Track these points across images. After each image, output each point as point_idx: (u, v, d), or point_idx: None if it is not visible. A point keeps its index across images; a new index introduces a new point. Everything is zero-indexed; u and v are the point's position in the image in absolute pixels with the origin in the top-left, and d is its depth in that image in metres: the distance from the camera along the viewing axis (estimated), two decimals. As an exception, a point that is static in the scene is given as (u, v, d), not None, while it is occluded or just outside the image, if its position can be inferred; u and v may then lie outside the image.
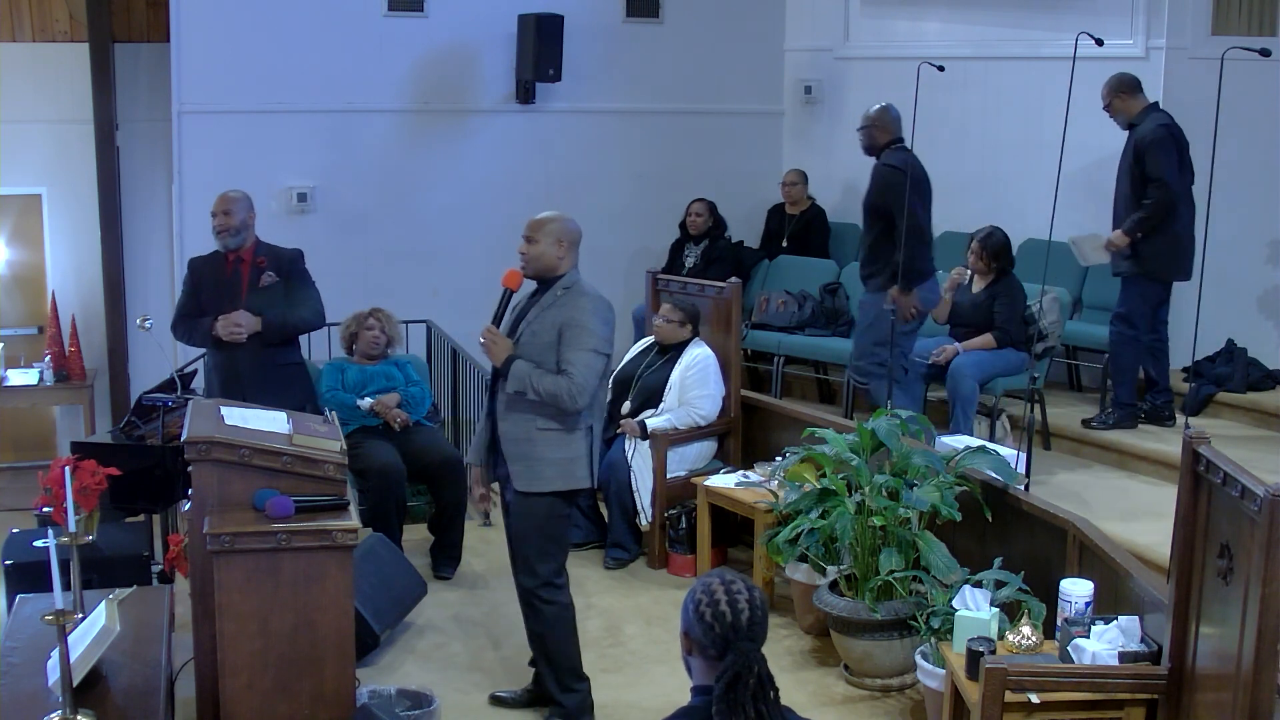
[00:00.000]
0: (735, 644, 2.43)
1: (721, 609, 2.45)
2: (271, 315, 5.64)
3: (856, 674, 5.02)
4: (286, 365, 5.79)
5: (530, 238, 4.50)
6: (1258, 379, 7.02)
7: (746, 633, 2.45)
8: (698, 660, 2.51)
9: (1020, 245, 7.13)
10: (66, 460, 4.19)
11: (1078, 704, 3.86)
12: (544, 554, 4.53)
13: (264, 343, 5.64)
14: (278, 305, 5.67)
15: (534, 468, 4.46)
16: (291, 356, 5.87)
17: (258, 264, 5.71)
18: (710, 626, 2.45)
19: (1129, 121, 6.57)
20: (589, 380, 4.37)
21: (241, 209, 5.68)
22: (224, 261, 5.73)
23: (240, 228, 5.66)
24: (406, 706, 4.51)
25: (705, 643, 2.47)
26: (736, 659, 2.42)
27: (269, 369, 5.64)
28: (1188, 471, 3.55)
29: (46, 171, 8.84)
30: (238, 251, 5.70)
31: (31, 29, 8.79)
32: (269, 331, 5.64)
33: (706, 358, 6.35)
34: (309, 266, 5.86)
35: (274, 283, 5.70)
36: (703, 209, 8.37)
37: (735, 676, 2.41)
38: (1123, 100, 6.58)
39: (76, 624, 3.70)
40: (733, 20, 9.21)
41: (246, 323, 5.58)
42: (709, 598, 2.47)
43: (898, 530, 4.89)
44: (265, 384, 5.53)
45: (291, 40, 8.28)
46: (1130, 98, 6.58)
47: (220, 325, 5.58)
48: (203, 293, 5.73)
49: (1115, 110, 6.62)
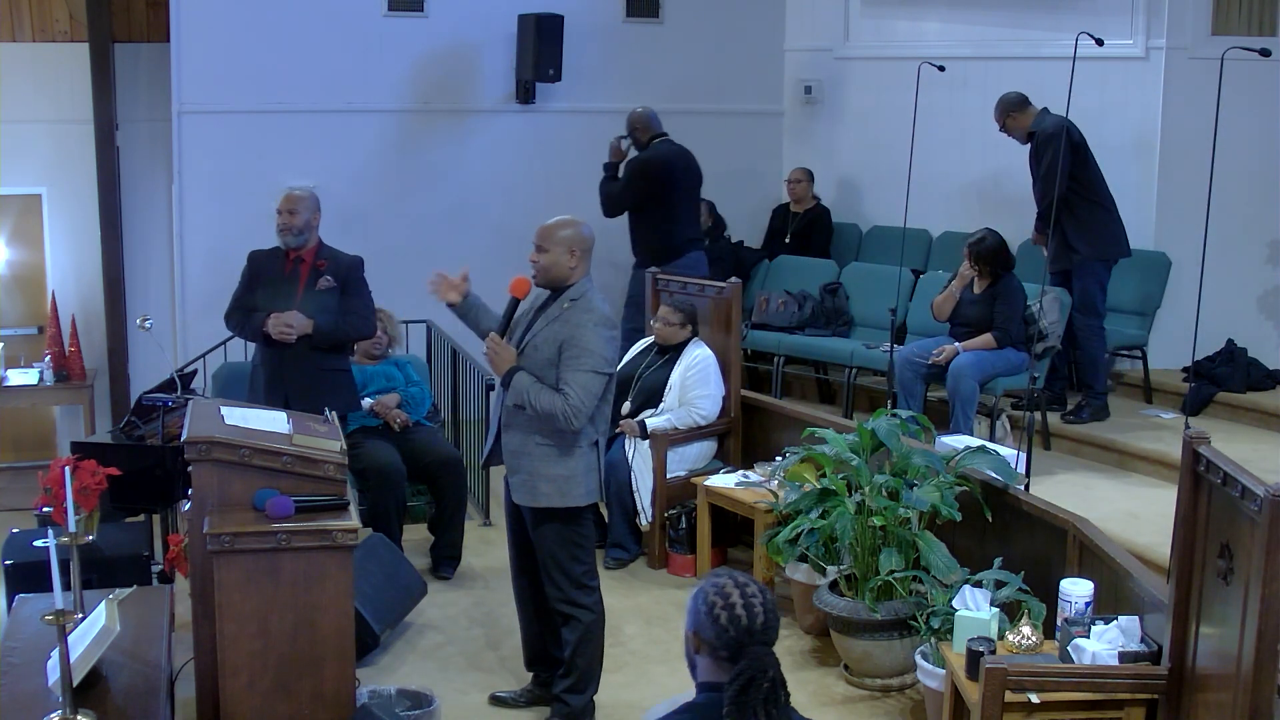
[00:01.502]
0: (749, 647, 2.43)
1: (737, 612, 2.44)
2: (323, 320, 5.59)
3: (856, 674, 5.02)
4: (333, 371, 5.73)
5: (541, 246, 4.44)
6: (1258, 379, 7.03)
7: (761, 636, 2.44)
8: (705, 660, 2.50)
9: (1020, 245, 7.13)
10: (66, 460, 4.19)
11: (1078, 704, 3.86)
12: (571, 559, 4.51)
13: (312, 346, 5.60)
14: (331, 310, 5.62)
15: (530, 482, 4.44)
16: (339, 363, 5.80)
17: (317, 266, 5.66)
18: (724, 630, 2.44)
19: (1026, 134, 6.84)
20: (586, 402, 4.33)
21: (306, 209, 5.63)
22: (284, 259, 5.68)
23: (304, 228, 5.61)
24: (406, 706, 4.51)
25: (717, 644, 2.45)
26: (751, 663, 2.41)
27: (314, 373, 5.61)
28: (1188, 471, 3.55)
29: (46, 171, 8.84)
30: (299, 251, 5.66)
31: (31, 29, 8.79)
32: (319, 336, 5.60)
33: (706, 358, 6.35)
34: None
35: (331, 287, 5.64)
36: (703, 209, 8.37)
37: (749, 680, 2.40)
38: (1014, 119, 6.90)
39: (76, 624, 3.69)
40: (733, 20, 9.21)
41: (298, 324, 5.54)
42: (723, 600, 2.46)
43: (898, 530, 4.89)
44: (309, 387, 5.52)
45: (291, 40, 8.28)
46: (1021, 114, 6.87)
47: (272, 323, 5.54)
48: (259, 287, 5.67)
49: (1010, 129, 6.92)
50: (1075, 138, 6.63)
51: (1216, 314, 6.33)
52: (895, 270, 7.27)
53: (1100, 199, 6.74)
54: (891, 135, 7.83)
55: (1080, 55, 5.84)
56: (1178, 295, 7.17)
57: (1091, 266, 6.76)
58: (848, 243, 8.74)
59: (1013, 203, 7.80)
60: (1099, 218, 6.72)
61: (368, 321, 5.82)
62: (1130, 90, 7.37)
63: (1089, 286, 6.76)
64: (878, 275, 7.80)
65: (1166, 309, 7.33)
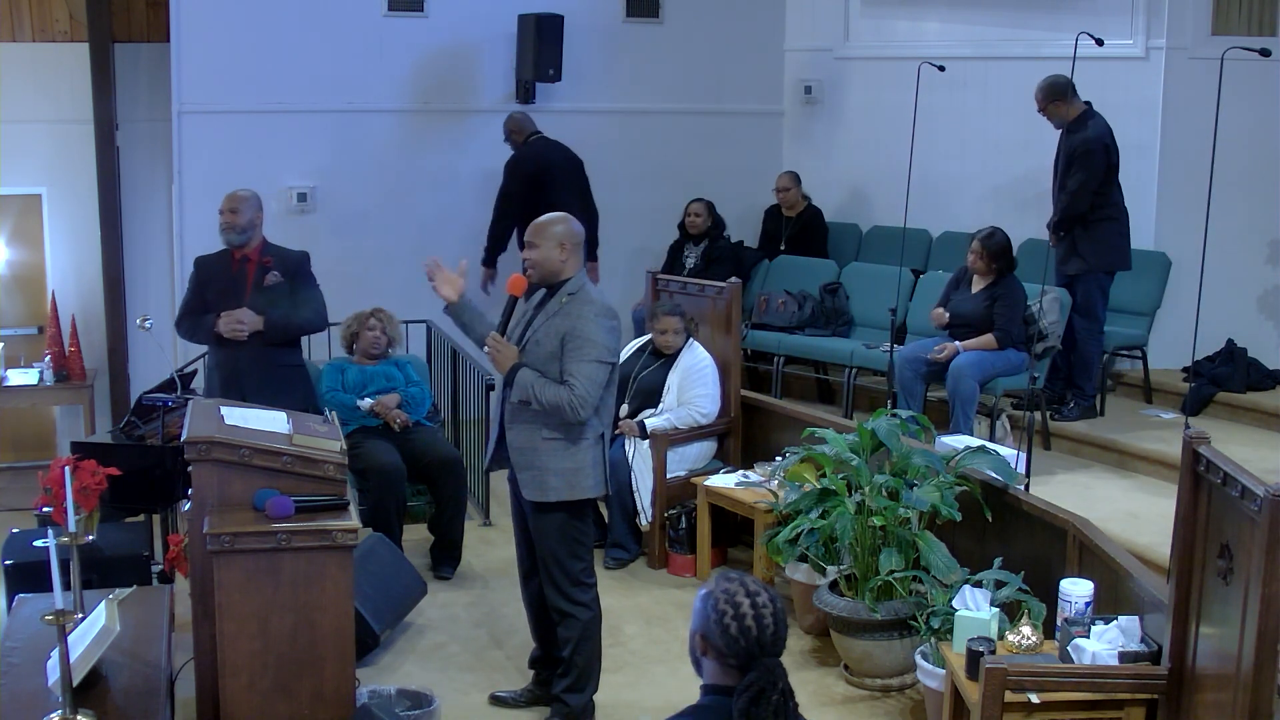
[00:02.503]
0: (759, 659, 2.42)
1: (747, 624, 2.43)
2: (274, 315, 5.64)
3: (856, 674, 5.02)
4: (287, 366, 5.79)
5: (533, 243, 4.47)
6: (1258, 379, 7.02)
7: (771, 648, 2.44)
8: (712, 663, 2.50)
9: (1020, 245, 7.13)
10: (66, 460, 4.19)
11: (1078, 704, 3.86)
12: (571, 555, 4.52)
13: (265, 342, 5.64)
14: (281, 305, 5.67)
15: (539, 477, 4.44)
16: (293, 358, 5.87)
17: (263, 263, 5.71)
18: (735, 640, 2.43)
19: (1064, 124, 6.74)
20: (591, 392, 4.35)
21: (249, 208, 5.70)
22: (230, 260, 5.74)
23: (246, 226, 5.67)
24: (406, 706, 4.51)
25: (726, 653, 2.45)
26: (761, 675, 2.41)
27: (270, 369, 5.65)
28: (1188, 471, 3.55)
29: (46, 171, 8.83)
30: (244, 250, 5.71)
31: (31, 29, 8.78)
32: (271, 331, 5.64)
33: (703, 357, 6.35)
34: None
35: (279, 283, 5.70)
36: (701, 209, 8.36)
37: (760, 693, 2.40)
38: (1056, 107, 6.76)
39: (76, 624, 3.69)
40: (733, 20, 9.20)
41: (249, 320, 5.59)
42: (734, 610, 2.44)
43: (898, 530, 4.89)
44: (265, 384, 5.53)
45: (291, 40, 8.28)
46: (1064, 104, 6.74)
47: (223, 322, 5.59)
48: (208, 290, 5.73)
49: (1051, 114, 6.80)
50: (1113, 158, 6.65)
51: (1216, 314, 6.32)
52: (895, 270, 7.27)
53: (1115, 212, 6.72)
54: (891, 135, 7.83)
55: (1080, 55, 5.84)
56: (1178, 295, 7.17)
57: (1102, 276, 6.78)
58: (848, 243, 8.73)
59: (1013, 203, 7.80)
60: (1109, 229, 6.71)
61: (319, 314, 5.85)
62: (1130, 90, 7.36)
63: (1091, 291, 6.77)
64: (878, 275, 7.79)
65: (1166, 309, 7.32)
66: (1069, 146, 6.69)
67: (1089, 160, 6.57)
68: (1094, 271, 6.74)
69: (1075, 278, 6.77)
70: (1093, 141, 6.59)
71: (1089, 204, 6.58)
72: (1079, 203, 6.59)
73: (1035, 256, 6.97)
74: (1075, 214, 6.63)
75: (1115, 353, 7.29)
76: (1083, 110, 6.69)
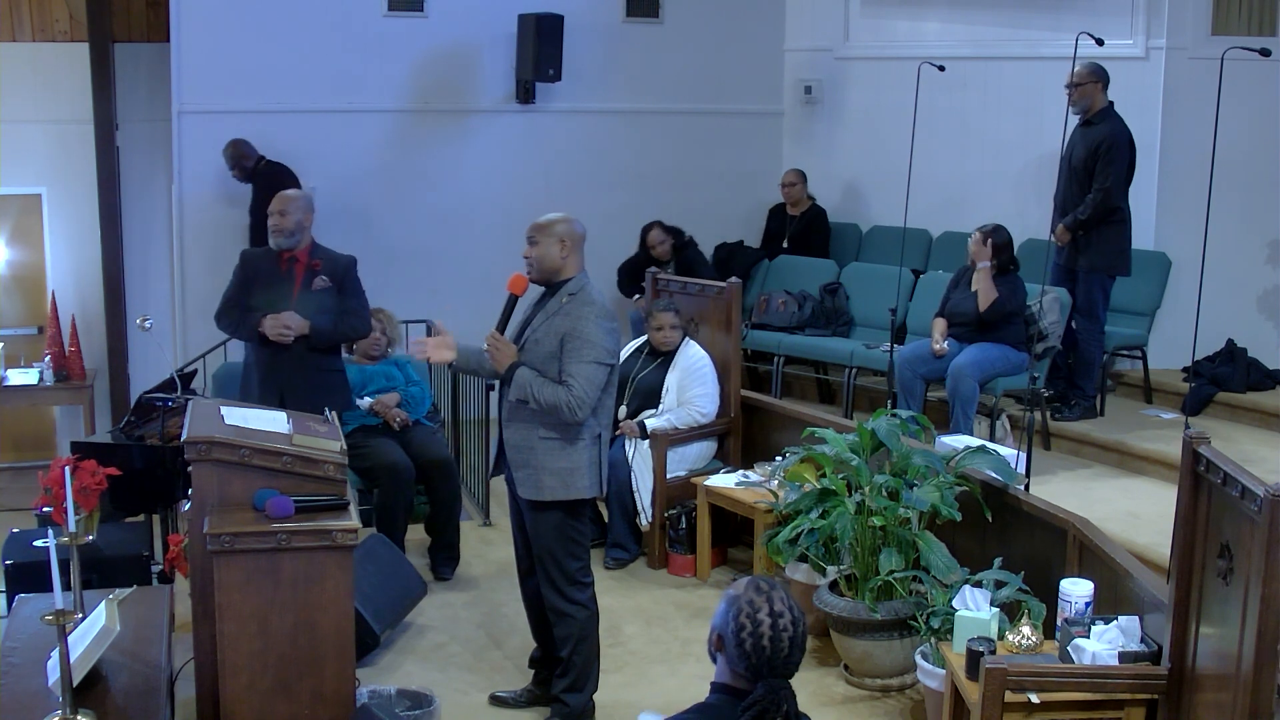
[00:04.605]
0: (767, 678, 2.42)
1: (763, 642, 2.43)
2: (320, 321, 5.58)
3: (856, 674, 5.02)
4: (329, 371, 5.72)
5: (533, 240, 4.47)
6: (1258, 379, 7.03)
7: (781, 669, 2.43)
8: (724, 665, 2.51)
9: (1020, 245, 7.13)
10: (66, 460, 4.19)
11: (1078, 704, 3.86)
12: (567, 554, 4.52)
13: (309, 347, 5.59)
14: (328, 310, 5.61)
15: (535, 476, 4.44)
16: (334, 364, 5.79)
17: (312, 266, 5.63)
18: (746, 654, 2.44)
19: (1087, 114, 6.69)
20: (589, 393, 4.35)
21: (297, 209, 5.60)
22: (278, 259, 5.65)
23: (295, 229, 5.58)
24: (406, 706, 4.51)
25: (738, 662, 2.45)
26: (765, 694, 2.41)
27: (311, 373, 5.60)
28: (1188, 471, 3.55)
29: (46, 171, 8.85)
30: (292, 251, 5.63)
31: (31, 29, 8.79)
32: (316, 337, 5.58)
33: (701, 356, 6.35)
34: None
35: (326, 287, 5.63)
36: (660, 235, 8.28)
37: (761, 713, 2.40)
38: (1088, 90, 6.70)
39: (76, 624, 3.69)
40: (733, 20, 9.21)
41: (295, 325, 5.52)
42: (752, 625, 2.44)
43: (898, 530, 4.89)
44: (305, 388, 5.50)
45: (291, 40, 8.28)
46: (1095, 89, 6.70)
47: (268, 324, 5.52)
48: (253, 288, 5.64)
49: (1083, 94, 6.71)
50: (1133, 158, 6.67)
51: (1216, 314, 6.32)
52: (895, 270, 7.27)
53: (1123, 215, 6.71)
54: (891, 135, 7.83)
55: (1080, 55, 5.84)
56: (1178, 295, 7.17)
57: (1105, 278, 6.79)
58: (848, 243, 8.74)
59: (1013, 203, 7.80)
60: (1113, 232, 6.69)
61: (365, 321, 5.82)
62: (1130, 90, 7.36)
63: (1092, 292, 6.77)
64: (878, 275, 7.80)
65: (1166, 309, 7.33)
66: (1090, 140, 6.65)
67: (1116, 155, 6.55)
68: (1096, 272, 6.74)
69: (1076, 278, 6.77)
70: (1119, 136, 6.59)
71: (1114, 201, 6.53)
72: (1112, 199, 6.55)
73: (1035, 257, 6.98)
74: (1108, 210, 6.56)
75: (1115, 353, 7.30)
76: (1106, 105, 6.70)
